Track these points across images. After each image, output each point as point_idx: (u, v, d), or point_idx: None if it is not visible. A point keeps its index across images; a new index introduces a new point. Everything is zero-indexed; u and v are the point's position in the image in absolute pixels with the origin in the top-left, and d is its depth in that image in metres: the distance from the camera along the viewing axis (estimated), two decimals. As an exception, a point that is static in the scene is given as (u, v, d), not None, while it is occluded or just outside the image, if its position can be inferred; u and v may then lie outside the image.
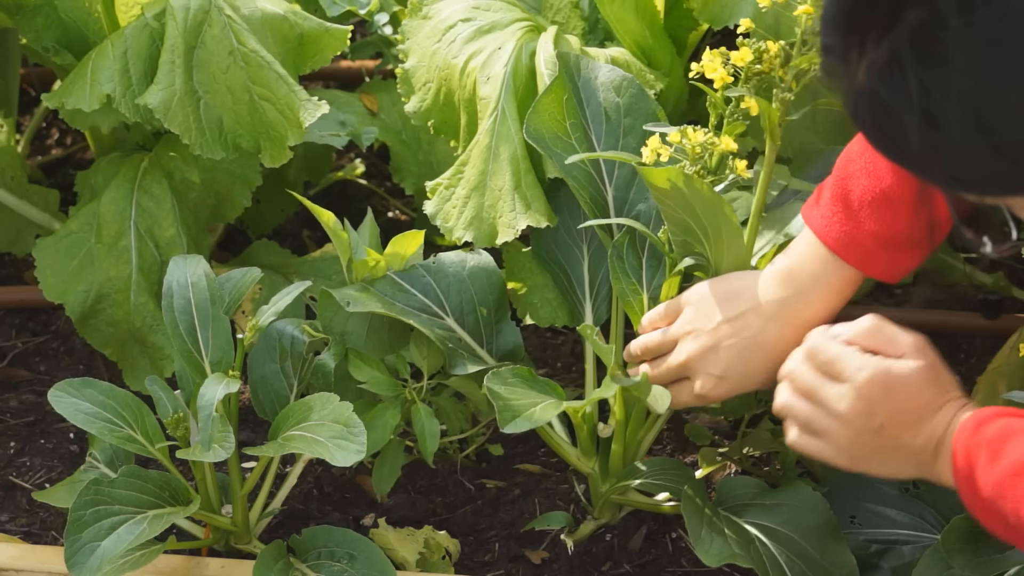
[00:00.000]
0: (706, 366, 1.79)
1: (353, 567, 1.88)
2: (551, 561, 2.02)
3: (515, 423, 1.75)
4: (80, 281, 2.24)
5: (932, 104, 1.17)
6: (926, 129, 1.18)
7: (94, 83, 2.11)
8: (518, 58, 2.05)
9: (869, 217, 1.68)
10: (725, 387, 1.79)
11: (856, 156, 1.70)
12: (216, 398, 1.79)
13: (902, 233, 1.70)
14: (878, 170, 1.67)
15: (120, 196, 2.25)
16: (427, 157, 2.44)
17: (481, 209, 2.03)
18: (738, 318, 1.77)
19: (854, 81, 1.22)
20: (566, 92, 1.98)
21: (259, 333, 1.90)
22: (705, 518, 1.80)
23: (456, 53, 2.09)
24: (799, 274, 1.75)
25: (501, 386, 1.81)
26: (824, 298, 1.74)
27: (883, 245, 1.71)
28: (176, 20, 2.08)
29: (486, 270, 2.01)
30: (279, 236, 2.57)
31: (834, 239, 1.71)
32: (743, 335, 1.76)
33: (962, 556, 1.75)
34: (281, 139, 2.12)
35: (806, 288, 1.74)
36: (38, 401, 2.32)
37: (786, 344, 1.74)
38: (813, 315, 1.74)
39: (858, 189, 1.69)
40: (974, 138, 1.17)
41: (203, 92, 2.10)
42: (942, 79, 1.16)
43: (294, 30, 2.18)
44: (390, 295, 1.98)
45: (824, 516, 1.84)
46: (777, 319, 1.75)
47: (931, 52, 1.15)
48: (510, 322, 2.02)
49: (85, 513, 1.79)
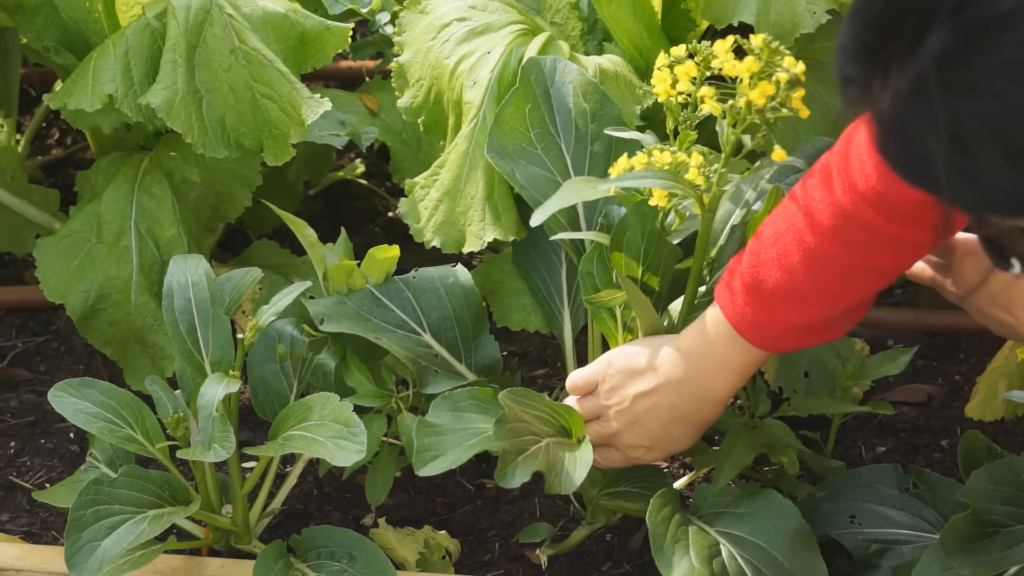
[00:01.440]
0: (633, 439, 1.83)
1: (353, 567, 1.88)
2: (551, 561, 2.02)
3: (434, 464, 1.77)
4: (81, 281, 2.24)
5: (960, 128, 1.15)
6: (954, 154, 1.16)
7: (96, 83, 2.11)
8: (505, 63, 2.03)
9: (781, 308, 1.69)
10: (656, 453, 1.84)
11: (768, 244, 1.69)
12: (216, 398, 1.79)
13: (816, 320, 1.70)
14: (789, 265, 1.67)
15: (121, 196, 2.25)
16: (427, 157, 2.44)
17: (452, 215, 2.03)
18: (651, 393, 1.79)
19: (879, 111, 1.20)
20: (529, 102, 1.95)
21: (259, 333, 1.90)
22: (669, 531, 1.80)
23: (448, 53, 2.08)
24: (707, 353, 1.76)
25: (447, 412, 1.82)
26: (728, 378, 1.76)
27: (795, 332, 1.71)
28: (177, 19, 2.08)
29: (464, 287, 2.01)
30: (279, 236, 2.57)
31: (747, 327, 1.71)
32: (660, 410, 1.79)
33: (962, 555, 1.75)
34: (284, 137, 2.12)
35: (713, 368, 1.76)
36: (38, 401, 2.32)
37: (701, 415, 1.79)
38: (722, 391, 1.77)
39: (770, 280, 1.68)
40: (1003, 160, 1.15)
41: (205, 91, 2.10)
42: (969, 103, 1.14)
43: (295, 28, 2.18)
44: (367, 310, 1.97)
45: (795, 524, 1.82)
46: (688, 396, 1.78)
47: (957, 77, 1.14)
48: (488, 336, 2.02)
49: (85, 513, 1.79)
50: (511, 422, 1.77)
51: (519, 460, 1.76)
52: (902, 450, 2.17)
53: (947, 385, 2.26)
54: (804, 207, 1.65)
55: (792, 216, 1.66)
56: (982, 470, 1.80)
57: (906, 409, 2.21)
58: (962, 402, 2.18)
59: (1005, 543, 1.75)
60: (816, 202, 1.63)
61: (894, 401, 2.20)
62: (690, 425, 1.81)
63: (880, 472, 1.96)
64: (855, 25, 1.20)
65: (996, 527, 1.77)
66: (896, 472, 1.95)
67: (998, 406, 2.11)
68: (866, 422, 2.20)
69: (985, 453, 1.91)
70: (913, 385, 2.24)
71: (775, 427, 1.91)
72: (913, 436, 2.18)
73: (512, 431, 1.77)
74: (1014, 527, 1.77)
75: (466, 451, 1.78)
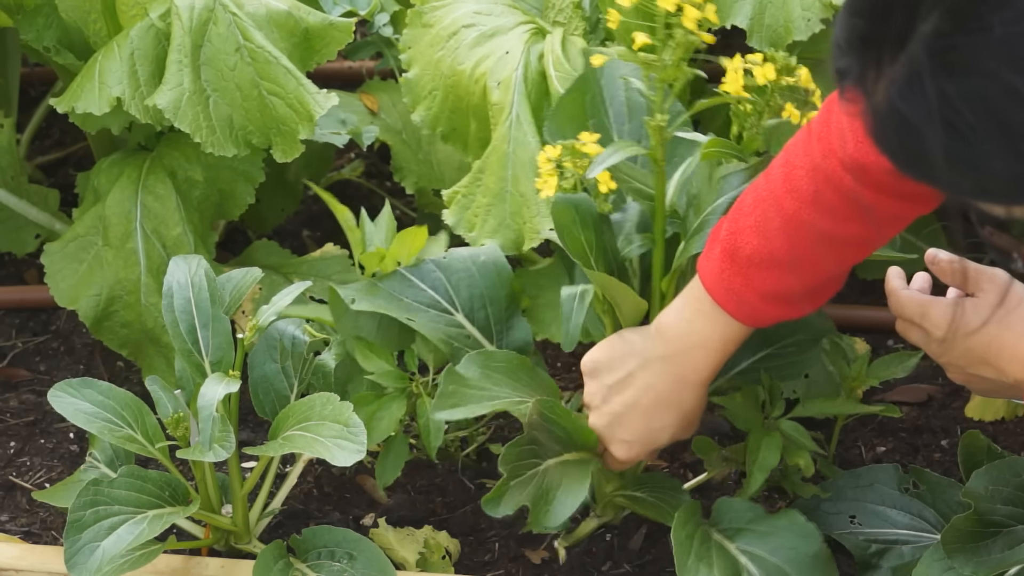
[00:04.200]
0: (614, 434, 1.82)
1: (353, 567, 1.88)
2: (551, 561, 2.02)
3: (451, 411, 1.78)
4: (90, 285, 2.24)
5: (953, 113, 1.14)
6: (949, 140, 1.16)
7: (103, 86, 2.10)
8: (527, 62, 2.04)
9: (757, 275, 1.68)
10: (637, 449, 1.83)
11: (748, 211, 1.68)
12: (216, 398, 1.79)
13: (792, 291, 1.70)
14: (767, 231, 1.66)
15: (125, 197, 2.25)
16: (427, 157, 2.44)
17: (505, 216, 2.03)
18: (628, 379, 1.79)
19: (874, 102, 1.19)
20: (589, 92, 1.95)
21: (259, 333, 1.90)
22: (693, 547, 1.80)
23: (462, 59, 2.09)
24: (686, 331, 1.75)
25: (478, 369, 1.83)
26: (707, 355, 1.75)
27: (771, 301, 1.71)
28: (181, 19, 2.08)
29: (496, 264, 1.99)
30: (279, 236, 2.57)
31: (722, 295, 1.71)
32: (638, 398, 1.79)
33: (962, 556, 1.75)
34: (292, 133, 2.12)
35: (690, 346, 1.75)
36: (38, 401, 2.32)
37: (681, 397, 1.78)
38: (702, 370, 1.76)
39: (747, 247, 1.68)
40: (997, 145, 1.15)
41: (212, 90, 2.10)
42: (962, 87, 1.14)
43: (299, 25, 2.18)
44: (398, 291, 1.97)
45: (816, 547, 1.82)
46: (667, 376, 1.77)
47: (949, 61, 1.14)
48: (521, 318, 2.00)
49: (85, 513, 1.79)
50: (522, 445, 1.79)
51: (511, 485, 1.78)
52: (902, 450, 2.17)
53: (947, 385, 2.26)
54: (785, 173, 1.65)
55: (773, 182, 1.66)
56: (983, 470, 1.80)
57: (906, 409, 2.21)
58: (962, 402, 2.18)
59: (1006, 543, 1.75)
60: (796, 168, 1.63)
61: (894, 401, 2.20)
62: (670, 411, 1.79)
63: (880, 472, 1.96)
64: (848, 18, 1.20)
65: (997, 527, 1.77)
66: (896, 472, 1.95)
67: (998, 406, 2.11)
68: (866, 422, 2.20)
69: (985, 453, 1.91)
70: (913, 385, 2.24)
71: (791, 428, 1.91)
72: (913, 436, 2.18)
73: (520, 454, 1.79)
74: (1015, 527, 1.77)
75: (485, 406, 1.79)
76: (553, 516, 1.79)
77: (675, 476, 2.11)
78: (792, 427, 1.92)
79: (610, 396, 1.81)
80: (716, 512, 1.88)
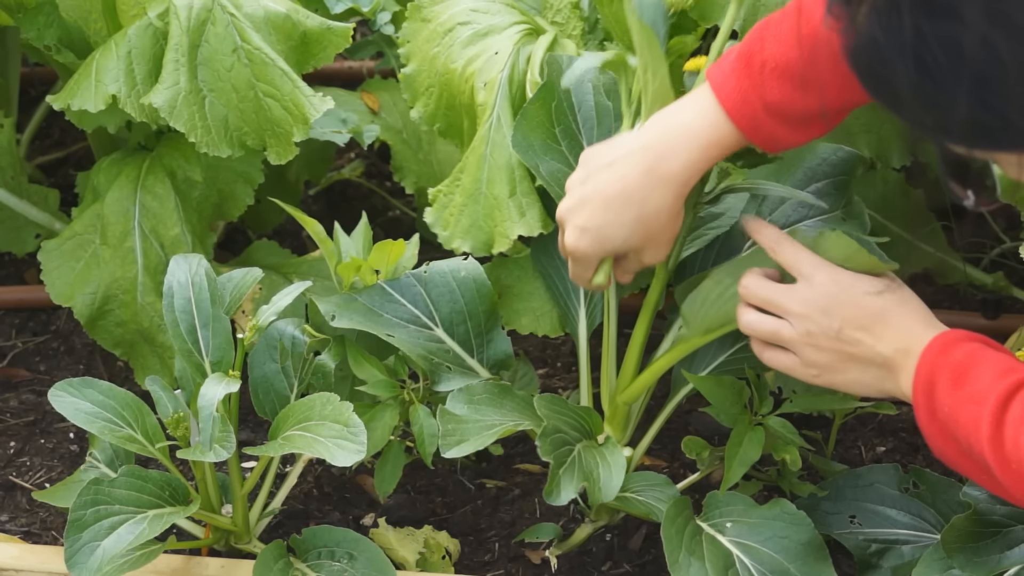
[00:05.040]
0: (572, 218, 1.78)
1: (353, 567, 1.88)
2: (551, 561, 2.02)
3: (460, 447, 1.80)
4: (87, 283, 2.24)
5: (926, 52, 1.18)
6: (918, 77, 1.20)
7: (99, 84, 2.11)
8: (514, 63, 2.04)
9: (767, 83, 1.65)
10: (587, 240, 1.76)
11: (773, 24, 1.67)
12: (216, 398, 1.79)
13: (795, 108, 1.67)
14: (787, 41, 1.65)
15: (123, 196, 2.25)
16: (428, 156, 2.44)
17: (477, 217, 2.03)
18: (608, 167, 1.74)
19: (855, 24, 1.23)
20: (555, 98, 1.96)
21: (259, 333, 1.90)
22: (683, 542, 1.80)
23: (455, 57, 2.09)
24: (675, 122, 1.71)
25: (465, 405, 1.86)
26: (688, 151, 1.69)
27: (773, 114, 1.67)
28: (179, 19, 2.08)
29: (476, 280, 2.01)
30: (279, 236, 2.57)
31: (728, 95, 1.67)
32: (606, 186, 1.73)
33: (962, 556, 1.75)
34: (287, 135, 2.12)
35: (676, 136, 1.70)
36: (38, 401, 2.33)
37: (647, 194, 1.71)
38: (676, 167, 1.70)
39: (763, 53, 1.65)
40: (964, 91, 1.19)
41: (208, 90, 2.10)
42: (938, 28, 1.17)
43: (297, 28, 2.18)
44: (378, 305, 1.97)
45: (808, 534, 1.83)
46: (640, 165, 1.71)
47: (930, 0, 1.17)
48: (501, 331, 2.01)
49: (85, 513, 1.79)
50: (552, 433, 1.81)
51: (561, 474, 1.78)
52: (902, 450, 2.17)
53: (947, 385, 2.26)
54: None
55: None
56: (983, 470, 1.80)
57: (906, 409, 2.21)
58: (962, 402, 2.18)
59: (1006, 543, 1.75)
60: None
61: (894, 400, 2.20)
62: (632, 207, 1.72)
63: (880, 472, 1.96)
64: None
65: (997, 527, 1.77)
66: (896, 472, 1.95)
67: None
68: (866, 422, 2.21)
69: (985, 453, 1.91)
70: (913, 385, 2.24)
71: (778, 424, 1.91)
72: (913, 436, 2.18)
73: (554, 443, 1.80)
74: (1014, 527, 1.77)
75: (488, 437, 1.82)
76: (605, 492, 1.81)
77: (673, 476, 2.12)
78: (779, 423, 1.92)
79: (586, 181, 1.77)
80: (706, 506, 1.89)
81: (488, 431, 1.83)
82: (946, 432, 1.58)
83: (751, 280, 1.73)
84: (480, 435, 1.82)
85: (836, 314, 1.66)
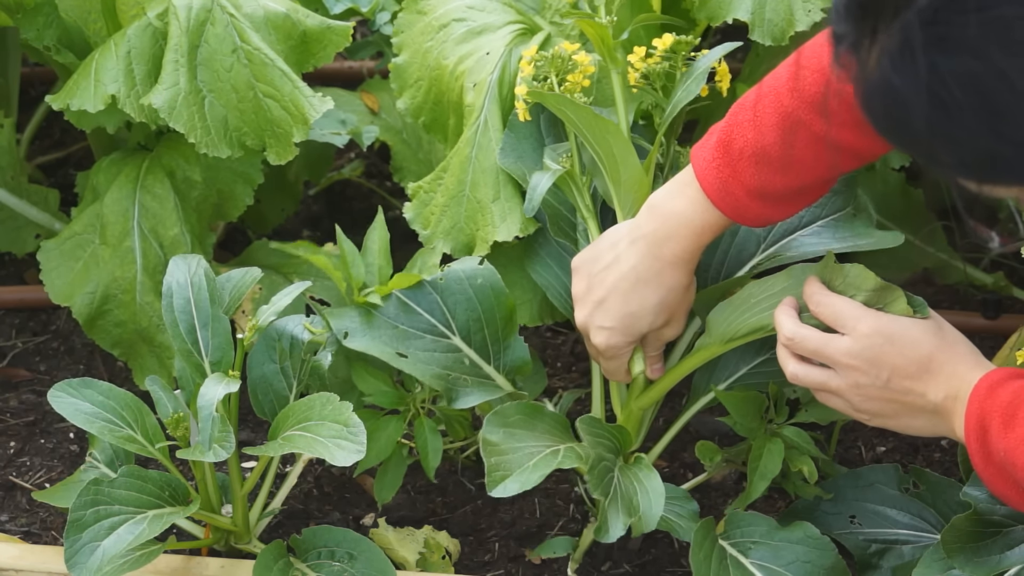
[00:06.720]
0: (595, 321, 1.84)
1: (353, 567, 1.88)
2: (551, 561, 2.02)
3: (504, 485, 1.76)
4: (86, 283, 2.24)
5: (941, 88, 1.17)
6: (933, 113, 1.19)
7: (98, 84, 2.10)
8: (505, 65, 2.03)
9: (746, 169, 1.70)
10: (617, 337, 1.83)
11: (748, 106, 1.71)
12: (216, 398, 1.79)
13: (777, 189, 1.71)
14: (763, 125, 1.69)
15: (123, 196, 2.25)
16: (427, 156, 2.44)
17: (459, 219, 2.02)
18: (613, 264, 1.81)
19: (866, 69, 1.22)
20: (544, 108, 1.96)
21: (259, 333, 1.90)
22: (712, 567, 1.81)
23: (447, 54, 2.08)
24: (668, 211, 1.77)
25: (500, 430, 1.82)
26: (687, 237, 1.77)
27: (755, 198, 1.72)
28: (179, 19, 2.08)
29: (493, 287, 1.96)
30: (279, 236, 2.57)
31: (710, 184, 1.73)
32: (619, 282, 1.80)
33: (962, 556, 1.75)
34: (287, 136, 2.12)
35: (672, 224, 1.77)
36: (38, 401, 2.32)
37: (660, 279, 1.79)
38: (679, 250, 1.77)
39: (740, 139, 1.70)
40: (980, 124, 1.18)
41: (207, 91, 2.10)
42: (952, 63, 1.16)
43: (297, 28, 2.18)
44: (394, 317, 1.95)
45: (832, 560, 1.84)
46: (647, 255, 1.78)
47: (942, 35, 1.16)
48: (518, 338, 1.97)
49: (85, 513, 1.79)
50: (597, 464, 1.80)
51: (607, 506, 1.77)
52: (902, 450, 2.17)
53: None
54: (792, 72, 1.66)
55: (777, 80, 1.68)
56: (983, 470, 1.80)
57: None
58: (962, 402, 2.18)
59: (1006, 543, 1.75)
60: (804, 68, 1.65)
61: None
62: (649, 292, 1.80)
63: (880, 472, 1.96)
64: None
65: (997, 527, 1.76)
66: (896, 472, 1.95)
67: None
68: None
69: (985, 453, 1.91)
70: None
71: (793, 434, 1.91)
72: (913, 436, 2.18)
73: (600, 473, 1.79)
74: (1015, 527, 1.76)
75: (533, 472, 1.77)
76: (647, 522, 1.79)
77: (674, 476, 2.12)
78: (795, 432, 1.92)
79: (594, 285, 1.83)
80: (728, 524, 1.88)
81: (530, 463, 1.79)
82: (1004, 474, 1.59)
83: (796, 330, 1.72)
84: (523, 472, 1.77)
85: (883, 364, 1.66)
